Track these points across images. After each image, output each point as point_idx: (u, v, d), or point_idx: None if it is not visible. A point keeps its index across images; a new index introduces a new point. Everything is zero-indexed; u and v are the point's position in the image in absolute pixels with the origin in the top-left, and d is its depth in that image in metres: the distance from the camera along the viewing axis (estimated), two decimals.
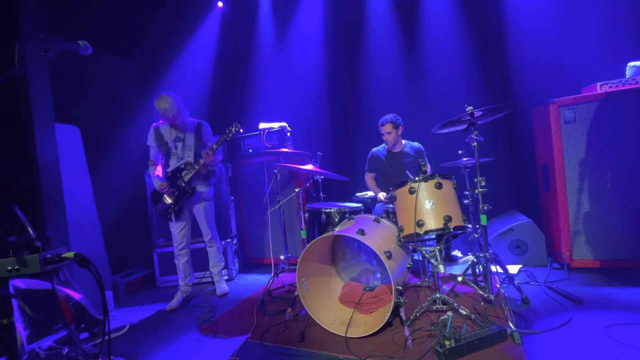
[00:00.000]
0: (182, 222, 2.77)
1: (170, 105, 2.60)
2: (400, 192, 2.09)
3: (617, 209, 2.41)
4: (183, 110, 2.72)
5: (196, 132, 2.76)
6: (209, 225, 2.84)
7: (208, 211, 2.83)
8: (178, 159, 2.73)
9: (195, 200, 2.78)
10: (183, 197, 2.70)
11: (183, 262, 2.81)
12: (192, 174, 2.66)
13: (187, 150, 2.73)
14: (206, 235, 2.87)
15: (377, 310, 2.11)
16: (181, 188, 2.69)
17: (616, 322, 1.80)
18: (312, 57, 4.12)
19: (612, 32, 2.90)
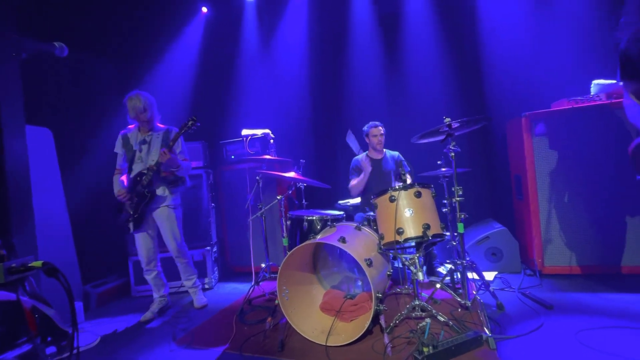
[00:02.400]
0: (144, 232, 2.58)
1: (144, 104, 2.48)
2: (380, 200, 2.12)
3: (584, 217, 2.54)
4: (156, 114, 2.62)
5: (164, 136, 2.62)
6: (173, 237, 2.61)
7: (172, 221, 2.61)
8: (142, 162, 2.57)
9: (154, 206, 2.59)
10: (142, 203, 2.51)
11: (152, 277, 2.65)
12: (151, 177, 2.49)
13: (153, 154, 2.57)
14: (172, 250, 2.65)
15: (358, 318, 2.12)
16: (140, 193, 2.51)
17: (585, 327, 1.88)
18: (296, 65, 4.16)
19: (578, 52, 3.11)
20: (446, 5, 3.68)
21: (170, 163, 2.48)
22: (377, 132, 3.03)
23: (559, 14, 3.23)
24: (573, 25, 3.17)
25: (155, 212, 2.61)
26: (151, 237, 2.62)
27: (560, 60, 3.14)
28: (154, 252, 2.64)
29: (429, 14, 3.71)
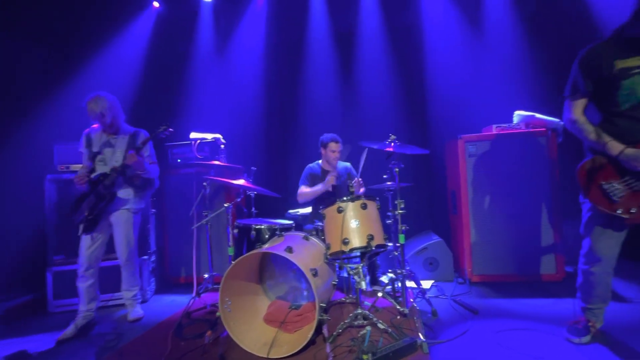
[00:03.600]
0: (94, 236, 2.40)
1: (104, 108, 2.36)
2: (329, 210, 2.17)
3: (508, 230, 2.85)
4: (119, 115, 2.48)
5: (131, 139, 2.51)
6: (127, 243, 2.50)
7: (129, 225, 2.50)
8: (104, 165, 2.44)
9: (113, 208, 2.46)
10: (100, 204, 2.37)
11: (87, 285, 2.43)
12: (114, 179, 2.38)
13: (117, 155, 2.45)
14: (122, 256, 2.52)
15: (302, 329, 2.12)
16: (100, 194, 2.37)
17: (503, 329, 2.10)
18: (252, 71, 4.13)
19: (505, 84, 3.58)
20: (396, 29, 3.96)
21: (137, 166, 2.40)
22: (336, 148, 3.04)
23: (491, 50, 3.69)
24: (502, 61, 3.64)
25: (113, 215, 2.47)
26: (100, 242, 2.45)
27: (491, 90, 3.57)
28: (96, 260, 2.45)
29: (381, 36, 3.95)
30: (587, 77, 1.64)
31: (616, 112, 1.59)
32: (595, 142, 1.63)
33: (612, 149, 1.57)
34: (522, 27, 3.63)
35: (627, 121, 1.56)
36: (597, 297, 1.84)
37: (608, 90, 1.59)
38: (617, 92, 1.56)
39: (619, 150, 1.54)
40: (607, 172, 1.61)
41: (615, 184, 1.59)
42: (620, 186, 1.57)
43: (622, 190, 1.57)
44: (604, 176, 1.62)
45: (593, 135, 1.64)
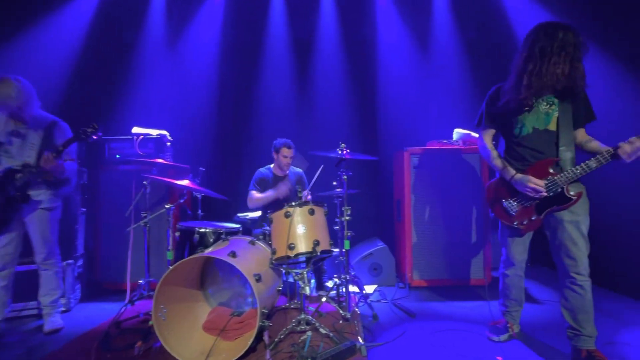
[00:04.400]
0: (7, 235, 2.16)
1: (15, 92, 2.08)
2: (276, 215, 2.16)
3: (444, 238, 3.07)
4: (32, 102, 2.20)
5: (47, 130, 2.23)
6: (44, 241, 2.27)
7: (46, 223, 2.27)
8: (10, 158, 2.15)
9: (28, 210, 2.21)
10: (10, 207, 2.12)
11: None
12: (27, 178, 2.13)
13: (29, 149, 2.17)
14: (39, 254, 2.28)
15: (243, 336, 2.05)
16: (9, 195, 2.10)
17: (437, 330, 2.25)
18: (205, 68, 3.99)
19: (449, 103, 3.90)
20: (353, 42, 4.11)
21: (54, 169, 2.13)
22: (289, 154, 3.04)
23: (436, 70, 4.01)
24: (446, 81, 3.97)
25: (29, 216, 2.21)
26: (15, 240, 2.20)
27: (435, 108, 3.87)
28: (11, 260, 2.20)
29: (338, 46, 4.07)
30: (490, 111, 1.96)
31: (516, 141, 1.87)
32: (497, 166, 1.94)
33: (506, 174, 1.86)
34: (464, 52, 3.99)
35: (524, 149, 1.84)
36: (514, 300, 2.07)
37: (508, 123, 1.88)
38: (515, 126, 1.85)
39: (511, 175, 1.84)
40: (505, 191, 1.91)
41: (511, 202, 1.88)
42: (515, 203, 1.87)
43: (517, 206, 1.86)
44: (504, 195, 1.91)
45: (496, 161, 1.94)
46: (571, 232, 1.75)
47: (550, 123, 1.78)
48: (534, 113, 1.80)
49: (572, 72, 1.68)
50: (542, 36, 1.71)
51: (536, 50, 1.71)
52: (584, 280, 1.75)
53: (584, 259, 1.75)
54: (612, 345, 1.99)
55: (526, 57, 1.75)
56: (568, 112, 1.77)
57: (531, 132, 1.81)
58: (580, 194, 1.74)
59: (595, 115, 1.84)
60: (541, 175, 1.77)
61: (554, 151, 1.77)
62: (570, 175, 1.72)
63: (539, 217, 1.82)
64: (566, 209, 1.76)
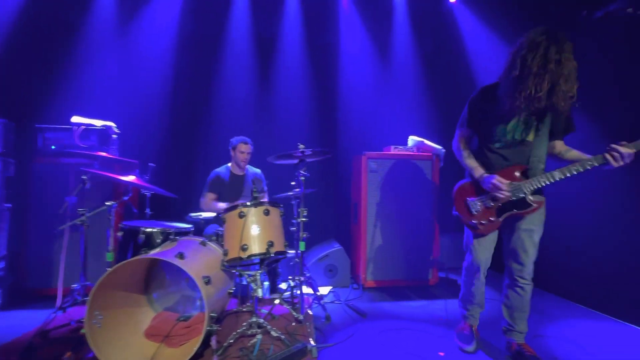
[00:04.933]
0: None
1: None
2: (230, 215, 2.09)
3: (397, 240, 3.19)
4: None
5: None
6: None
7: None
8: None
9: None
10: None
11: None
12: None
13: None
14: None
15: (189, 342, 1.95)
16: None
17: (386, 329, 2.32)
18: (160, 59, 3.75)
19: (405, 111, 4.07)
20: (316, 44, 4.12)
21: None
22: (245, 149, 3.00)
23: (394, 79, 4.18)
24: (403, 90, 4.15)
25: None
26: None
27: (392, 114, 4.03)
28: None
29: (301, 47, 4.06)
30: (472, 115, 1.92)
31: (490, 147, 1.87)
32: (468, 165, 1.94)
33: (476, 173, 1.87)
34: (420, 64, 4.21)
35: (496, 156, 1.85)
36: (477, 304, 2.07)
37: (487, 129, 1.86)
38: (494, 133, 1.84)
39: (480, 174, 1.85)
40: (472, 191, 1.92)
41: (476, 200, 1.89)
42: (479, 202, 1.88)
43: (479, 206, 1.88)
44: (470, 194, 1.93)
45: (467, 160, 1.94)
46: (524, 240, 1.82)
47: (529, 134, 1.77)
48: (515, 123, 1.77)
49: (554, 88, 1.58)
50: (527, 46, 1.61)
51: (520, 60, 1.62)
52: (526, 284, 1.87)
53: (530, 265, 1.85)
54: (539, 338, 2.21)
55: (510, 66, 1.68)
56: (547, 125, 1.76)
57: (509, 141, 1.80)
58: (540, 203, 1.78)
59: (575, 126, 1.82)
60: (508, 179, 1.78)
61: (525, 162, 1.78)
62: (534, 183, 1.73)
63: (498, 220, 1.84)
64: (525, 215, 1.79)
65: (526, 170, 1.78)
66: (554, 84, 1.58)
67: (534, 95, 1.60)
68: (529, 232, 1.83)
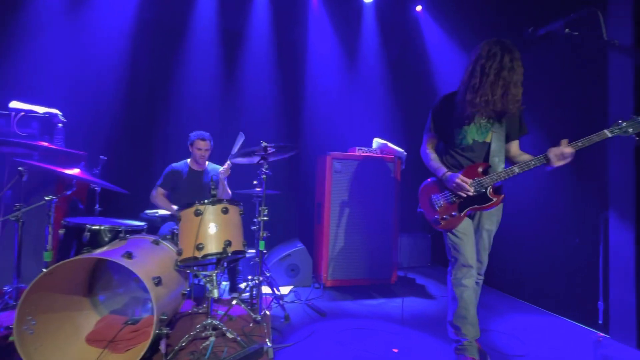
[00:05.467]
0: None
1: None
2: (185, 213, 2.00)
3: (359, 240, 3.24)
4: None
5: None
6: None
7: None
8: None
9: None
10: None
11: None
12: None
13: None
14: None
15: (136, 347, 1.84)
16: None
17: (344, 329, 2.34)
18: (116, 44, 3.51)
19: (370, 113, 4.15)
20: (284, 41, 4.09)
21: None
22: (203, 146, 2.88)
23: (361, 82, 4.25)
24: (368, 93, 4.24)
25: None
26: None
27: (358, 116, 4.10)
28: None
29: (268, 43, 4.01)
30: (435, 122, 2.03)
31: (454, 150, 1.97)
32: (432, 166, 2.01)
33: (439, 172, 1.95)
34: (386, 69, 4.32)
35: (460, 157, 1.94)
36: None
37: (450, 133, 1.97)
38: (456, 136, 1.94)
39: (443, 173, 1.92)
40: (436, 188, 1.99)
41: (439, 196, 1.96)
42: (441, 199, 1.95)
43: (442, 202, 1.94)
44: (434, 191, 1.99)
45: (432, 162, 2.01)
46: (485, 240, 1.96)
47: (487, 136, 1.89)
48: (474, 126, 1.89)
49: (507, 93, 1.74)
50: (484, 55, 1.76)
51: (478, 68, 1.77)
52: (481, 279, 2.00)
53: (486, 262, 1.98)
54: (486, 333, 2.34)
55: (470, 74, 1.81)
56: (502, 127, 1.89)
57: (471, 143, 1.90)
58: (500, 198, 1.84)
59: (527, 129, 1.96)
60: (471, 176, 1.86)
61: (486, 161, 1.89)
62: (495, 177, 1.81)
63: (460, 215, 1.89)
64: (485, 209, 1.88)
65: (488, 167, 1.87)
66: (506, 89, 1.74)
67: (490, 99, 1.75)
68: (489, 232, 1.96)
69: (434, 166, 2.00)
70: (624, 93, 2.17)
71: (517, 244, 3.10)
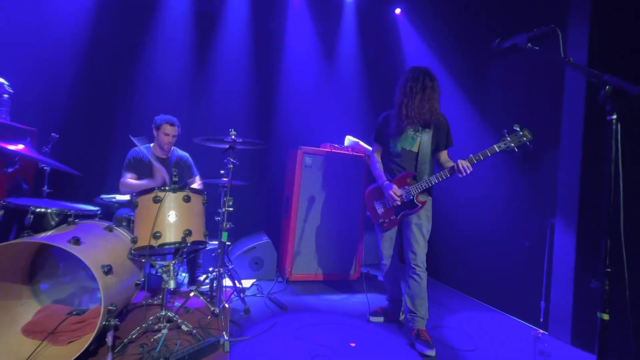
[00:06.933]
0: None
1: None
2: (143, 199, 1.90)
3: (325, 236, 3.26)
4: None
5: None
6: None
7: None
8: None
9: None
10: None
11: None
12: None
13: None
14: None
15: (80, 339, 1.73)
16: None
17: (305, 322, 2.34)
18: (77, 13, 3.25)
19: (344, 111, 4.17)
20: (261, 30, 3.99)
21: None
22: (171, 131, 2.69)
23: (336, 79, 4.26)
24: (343, 91, 4.25)
25: None
26: None
27: (331, 113, 4.11)
28: None
29: (245, 30, 3.89)
30: (377, 134, 2.41)
31: (390, 157, 2.33)
32: (376, 174, 2.37)
33: (380, 180, 2.31)
34: (362, 68, 4.36)
35: (394, 163, 2.30)
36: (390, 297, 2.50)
37: (387, 143, 2.33)
38: (390, 146, 2.30)
39: (382, 182, 2.28)
40: (379, 194, 2.33)
41: (380, 203, 2.31)
42: (382, 204, 2.31)
43: (382, 207, 2.30)
44: (377, 197, 2.34)
45: (376, 170, 2.37)
46: (415, 232, 2.19)
47: (414, 145, 2.21)
48: (404, 137, 2.23)
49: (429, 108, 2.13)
50: (411, 78, 2.15)
51: (407, 89, 2.15)
52: (421, 272, 2.18)
53: (422, 254, 2.18)
54: (439, 329, 2.45)
55: (401, 92, 2.19)
56: (428, 138, 2.19)
57: (400, 151, 2.24)
58: (424, 203, 2.17)
59: (452, 142, 2.27)
60: (402, 185, 2.20)
61: (414, 168, 2.22)
62: (419, 186, 2.14)
63: (396, 218, 2.25)
64: (414, 213, 2.19)
65: (414, 176, 2.19)
66: (428, 103, 2.12)
67: (416, 113, 2.12)
68: (418, 225, 2.19)
69: (376, 174, 2.37)
70: (576, 106, 2.34)
71: (469, 243, 3.28)
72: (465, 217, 3.39)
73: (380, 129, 2.39)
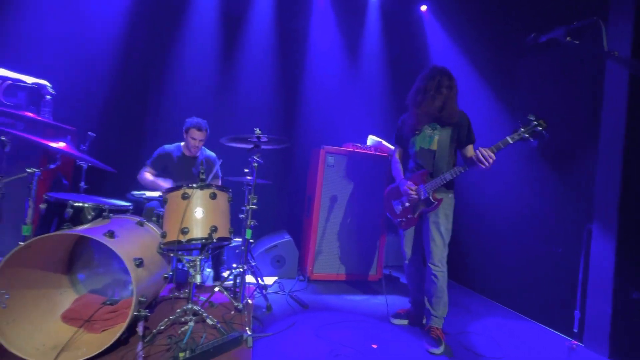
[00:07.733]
0: None
1: None
2: (172, 196, 1.97)
3: (346, 236, 3.24)
4: None
5: None
6: None
7: None
8: None
9: None
10: None
11: None
12: None
13: None
14: None
15: (113, 328, 1.81)
16: None
17: (325, 323, 2.34)
18: (113, 19, 3.40)
19: (367, 110, 4.12)
20: (285, 29, 4.02)
21: None
22: (198, 136, 2.76)
23: (360, 78, 4.22)
24: (367, 90, 4.20)
25: None
26: None
27: (355, 112, 4.07)
28: None
29: (269, 30, 3.94)
30: (397, 136, 2.44)
31: (410, 156, 2.35)
32: (395, 174, 2.41)
33: (397, 179, 2.34)
34: (386, 66, 4.30)
35: (414, 162, 2.30)
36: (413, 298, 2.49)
37: (406, 143, 2.35)
38: (409, 145, 2.32)
39: (399, 179, 2.31)
40: (397, 194, 2.33)
41: (398, 202, 2.32)
42: (400, 203, 2.30)
43: (400, 206, 2.30)
44: (395, 196, 2.35)
45: (396, 170, 2.41)
46: (432, 230, 2.16)
47: (432, 144, 2.20)
48: (421, 136, 2.23)
49: (445, 106, 2.11)
50: (426, 77, 2.14)
51: (422, 88, 2.14)
52: (438, 271, 2.15)
53: (439, 253, 2.14)
54: (464, 334, 2.38)
55: (415, 92, 2.19)
56: (447, 136, 2.17)
57: (418, 150, 2.24)
58: (440, 200, 2.14)
59: (474, 138, 2.22)
60: (418, 182, 2.20)
61: (431, 166, 2.19)
62: (433, 184, 2.12)
63: (414, 216, 2.26)
64: (431, 210, 2.17)
65: (431, 173, 2.17)
66: (444, 103, 2.10)
67: (431, 111, 2.12)
68: (435, 224, 2.17)
69: (395, 174, 2.41)
70: (617, 102, 2.19)
71: (500, 248, 3.14)
72: (493, 220, 3.26)
73: (400, 130, 2.40)
